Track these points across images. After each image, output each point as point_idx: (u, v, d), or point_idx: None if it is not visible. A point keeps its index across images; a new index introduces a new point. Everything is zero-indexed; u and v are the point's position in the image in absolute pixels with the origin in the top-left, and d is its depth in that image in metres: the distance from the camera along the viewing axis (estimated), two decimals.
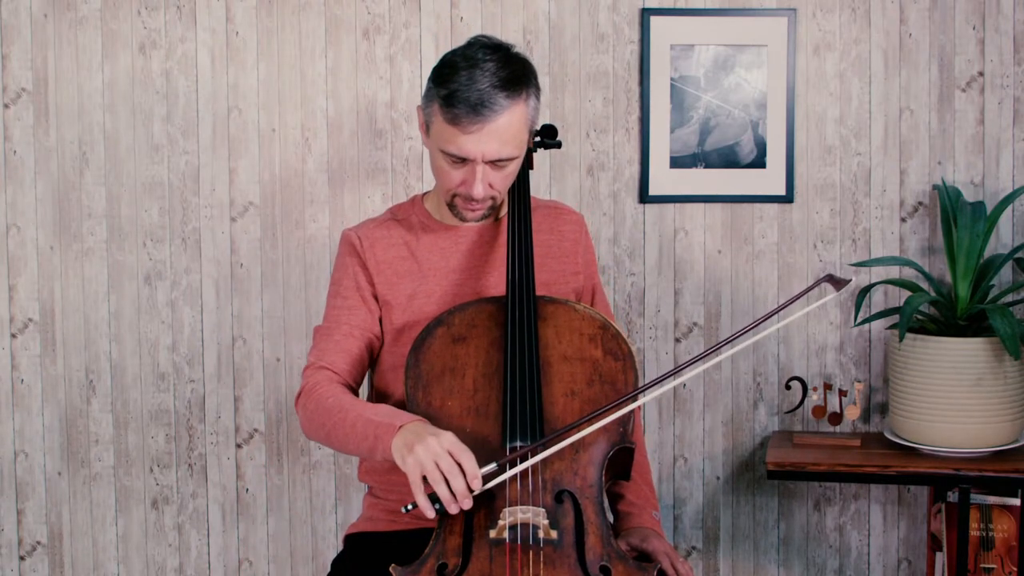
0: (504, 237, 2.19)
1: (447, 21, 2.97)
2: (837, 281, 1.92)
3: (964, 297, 2.78)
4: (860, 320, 2.92)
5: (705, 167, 2.97)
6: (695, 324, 3.02)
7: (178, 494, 3.04)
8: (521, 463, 1.88)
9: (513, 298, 2.05)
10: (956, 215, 2.80)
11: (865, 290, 2.85)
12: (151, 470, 3.04)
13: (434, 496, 1.83)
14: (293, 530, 3.06)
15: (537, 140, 2.36)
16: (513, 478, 1.89)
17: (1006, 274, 2.95)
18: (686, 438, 3.05)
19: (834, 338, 3.01)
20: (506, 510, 1.88)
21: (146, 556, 3.05)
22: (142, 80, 2.96)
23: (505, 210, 2.21)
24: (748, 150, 2.97)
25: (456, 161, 2.03)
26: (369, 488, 2.26)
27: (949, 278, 2.87)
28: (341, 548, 2.29)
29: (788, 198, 2.98)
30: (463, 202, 2.08)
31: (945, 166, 2.97)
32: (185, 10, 2.95)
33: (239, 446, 3.04)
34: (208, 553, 3.06)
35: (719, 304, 3.01)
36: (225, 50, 2.97)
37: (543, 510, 1.89)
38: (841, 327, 3.01)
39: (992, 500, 2.79)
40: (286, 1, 2.96)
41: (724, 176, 2.98)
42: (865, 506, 3.05)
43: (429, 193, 2.26)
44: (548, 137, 2.37)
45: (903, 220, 2.99)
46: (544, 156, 2.96)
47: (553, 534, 1.88)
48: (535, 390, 1.97)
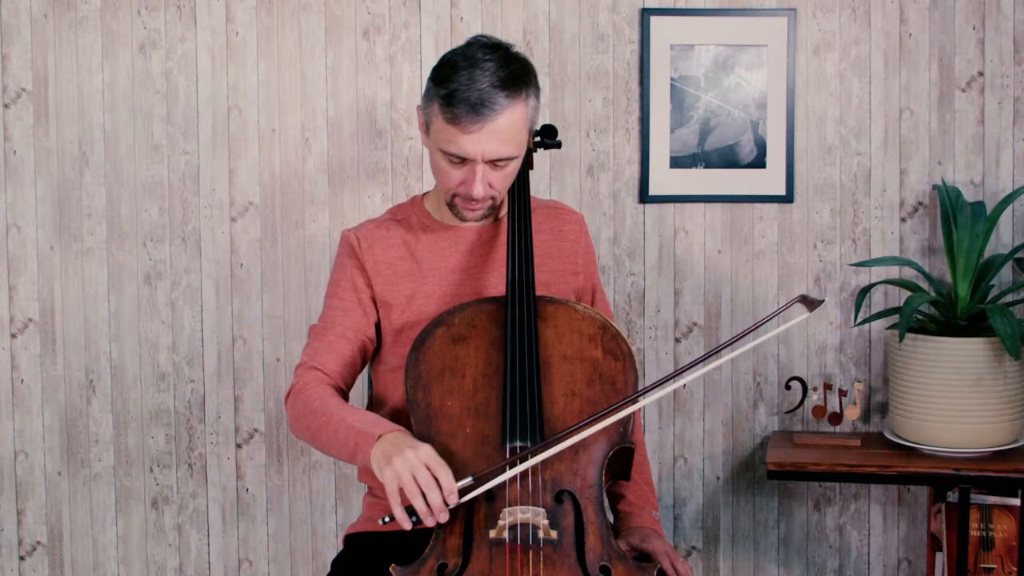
0: (504, 237, 2.19)
1: (447, 21, 2.96)
2: (811, 302, 1.92)
3: (964, 297, 2.78)
4: (860, 320, 2.92)
5: (705, 167, 2.97)
6: (695, 324, 3.02)
7: (178, 494, 3.04)
8: (511, 470, 1.88)
9: (513, 298, 2.05)
10: (956, 215, 2.80)
11: (865, 290, 2.85)
12: (151, 470, 3.04)
13: (411, 508, 1.84)
14: (293, 530, 3.06)
15: (537, 140, 2.35)
16: (513, 478, 1.89)
17: (1006, 274, 2.95)
18: (686, 438, 3.05)
19: (834, 338, 3.01)
20: (506, 510, 1.88)
21: (146, 556, 3.05)
22: (142, 80, 2.96)
23: (505, 210, 2.21)
24: (748, 150, 2.97)
25: (456, 161, 2.03)
26: (369, 488, 2.26)
27: (949, 278, 2.87)
28: (341, 548, 2.29)
29: (788, 198, 2.98)
30: (463, 202, 2.08)
31: (945, 166, 2.97)
32: (185, 10, 2.95)
33: (239, 446, 3.04)
34: (208, 553, 3.06)
35: (719, 304, 3.01)
36: (225, 50, 2.97)
37: (543, 510, 1.89)
38: (841, 327, 3.01)
39: (992, 500, 2.79)
40: (286, 1, 2.96)
41: (724, 176, 2.97)
42: (865, 506, 3.05)
43: (429, 193, 2.26)
44: (548, 137, 2.37)
45: (903, 220, 2.99)
46: (544, 156, 2.96)
47: (553, 534, 1.88)
48: (535, 390, 1.96)
